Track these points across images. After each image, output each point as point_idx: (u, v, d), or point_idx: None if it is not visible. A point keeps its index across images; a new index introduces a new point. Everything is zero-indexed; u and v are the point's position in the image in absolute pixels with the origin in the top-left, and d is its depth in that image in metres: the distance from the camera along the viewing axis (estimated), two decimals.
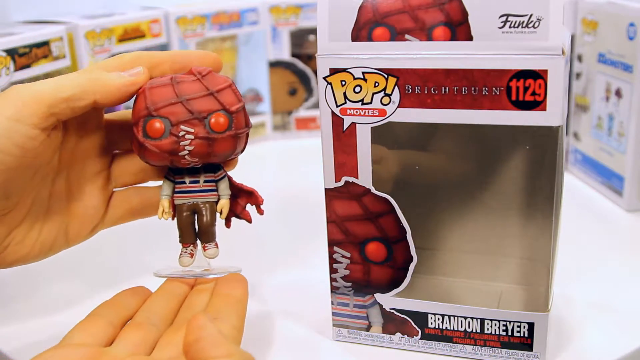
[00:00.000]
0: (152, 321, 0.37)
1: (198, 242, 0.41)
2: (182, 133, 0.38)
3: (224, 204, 0.41)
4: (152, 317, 0.37)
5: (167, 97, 0.38)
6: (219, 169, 0.41)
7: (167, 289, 0.40)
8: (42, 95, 0.35)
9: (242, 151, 0.41)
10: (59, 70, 0.63)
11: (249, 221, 0.43)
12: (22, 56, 0.58)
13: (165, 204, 0.41)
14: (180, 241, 0.41)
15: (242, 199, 0.43)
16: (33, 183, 0.38)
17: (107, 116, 0.43)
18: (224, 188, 0.41)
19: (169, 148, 0.38)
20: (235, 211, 0.43)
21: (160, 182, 0.42)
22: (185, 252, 0.41)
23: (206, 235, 0.41)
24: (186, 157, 0.38)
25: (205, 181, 0.41)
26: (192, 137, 0.38)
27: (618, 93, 0.60)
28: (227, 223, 0.43)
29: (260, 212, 0.43)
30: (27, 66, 0.59)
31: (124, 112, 0.43)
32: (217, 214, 0.41)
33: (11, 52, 0.57)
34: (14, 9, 0.79)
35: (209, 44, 0.81)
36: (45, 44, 0.60)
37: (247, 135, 0.40)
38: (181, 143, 0.38)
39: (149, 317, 0.37)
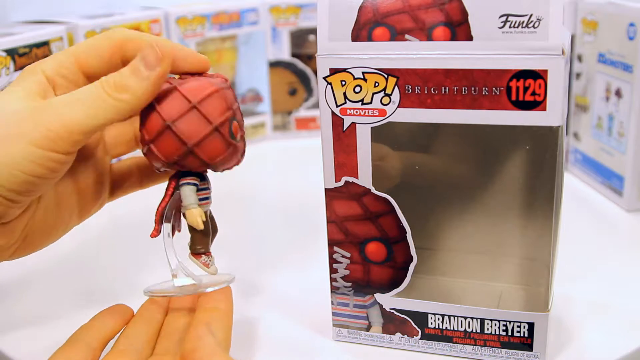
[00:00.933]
0: (135, 347, 0.36)
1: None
2: (239, 136, 0.39)
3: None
4: (134, 342, 0.37)
5: (230, 99, 0.38)
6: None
7: (145, 314, 0.39)
8: (75, 127, 0.34)
9: None
10: None
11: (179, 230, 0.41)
12: (22, 56, 0.58)
13: (203, 213, 0.38)
14: (204, 251, 0.39)
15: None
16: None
17: None
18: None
19: (243, 150, 0.39)
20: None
21: None
22: (211, 260, 0.40)
23: (211, 242, 0.40)
24: (241, 160, 0.40)
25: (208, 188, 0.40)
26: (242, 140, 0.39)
27: (618, 93, 0.60)
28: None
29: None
30: None
31: None
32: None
33: (11, 52, 0.57)
34: (14, 9, 0.79)
35: (209, 44, 0.81)
36: (45, 44, 0.60)
37: None
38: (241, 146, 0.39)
39: (131, 342, 0.37)
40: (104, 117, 0.35)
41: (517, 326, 0.38)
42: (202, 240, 0.39)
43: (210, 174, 0.40)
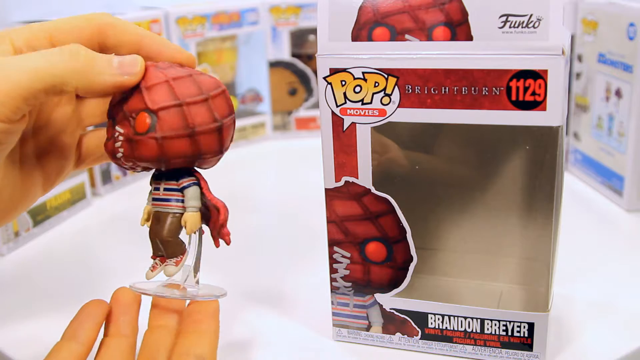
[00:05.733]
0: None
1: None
2: (116, 134, 0.35)
3: (187, 217, 0.36)
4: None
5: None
6: (183, 177, 0.36)
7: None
8: (19, 89, 0.31)
9: (201, 156, 0.35)
10: None
11: (227, 242, 0.37)
12: None
13: (145, 212, 0.37)
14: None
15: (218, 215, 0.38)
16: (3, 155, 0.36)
17: None
18: (189, 199, 0.36)
19: (109, 149, 0.35)
20: (214, 228, 0.37)
21: None
22: (151, 265, 0.37)
23: (164, 249, 0.37)
24: (121, 159, 0.35)
25: (166, 189, 0.36)
26: (122, 138, 0.34)
27: (618, 93, 0.60)
28: (215, 242, 0.37)
29: (224, 234, 0.36)
30: None
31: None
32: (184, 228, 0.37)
33: None
34: (14, 9, 0.79)
35: (209, 44, 0.81)
36: None
37: (194, 137, 0.34)
38: (115, 144, 0.35)
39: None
40: (48, 81, 0.32)
41: (517, 326, 0.38)
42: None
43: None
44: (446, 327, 0.40)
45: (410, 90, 0.35)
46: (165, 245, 0.37)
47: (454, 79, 0.35)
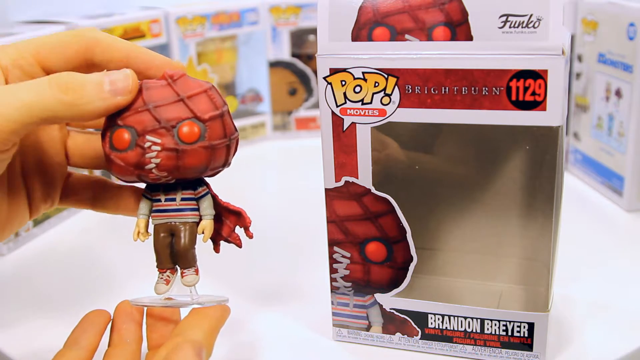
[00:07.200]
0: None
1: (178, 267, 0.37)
2: (147, 144, 0.33)
3: (206, 225, 0.36)
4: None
5: (134, 105, 0.34)
6: (200, 186, 0.37)
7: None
8: (10, 123, 0.31)
9: (225, 165, 0.36)
10: None
11: (239, 246, 0.38)
12: None
13: (142, 225, 0.36)
14: (156, 266, 0.36)
15: (231, 220, 0.38)
16: None
17: None
18: (206, 207, 0.37)
19: (134, 161, 0.34)
20: (223, 234, 0.38)
21: None
22: (161, 278, 0.36)
23: (184, 259, 0.36)
24: (153, 170, 0.34)
25: (183, 199, 0.36)
26: (158, 148, 0.33)
27: (618, 93, 0.60)
28: (216, 248, 0.39)
29: (250, 235, 0.38)
30: None
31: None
32: (199, 237, 0.37)
33: None
34: (14, 9, 0.79)
35: (209, 44, 0.81)
36: None
37: (229, 147, 0.36)
38: (147, 155, 0.34)
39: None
40: (38, 116, 0.31)
41: (517, 326, 0.38)
42: (155, 253, 0.37)
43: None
44: (446, 327, 0.40)
45: (410, 90, 0.35)
46: (185, 256, 0.36)
47: (454, 79, 0.35)
